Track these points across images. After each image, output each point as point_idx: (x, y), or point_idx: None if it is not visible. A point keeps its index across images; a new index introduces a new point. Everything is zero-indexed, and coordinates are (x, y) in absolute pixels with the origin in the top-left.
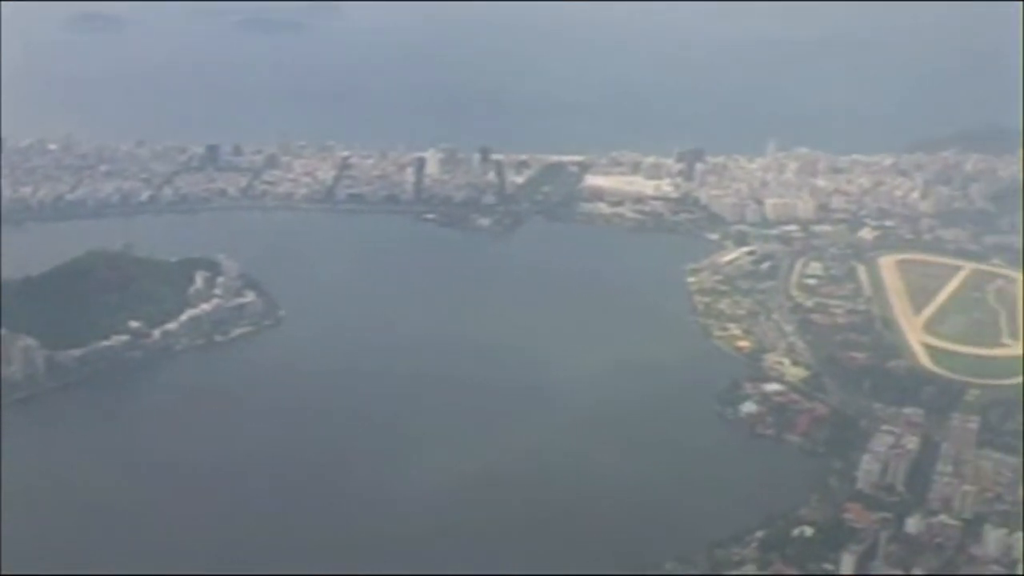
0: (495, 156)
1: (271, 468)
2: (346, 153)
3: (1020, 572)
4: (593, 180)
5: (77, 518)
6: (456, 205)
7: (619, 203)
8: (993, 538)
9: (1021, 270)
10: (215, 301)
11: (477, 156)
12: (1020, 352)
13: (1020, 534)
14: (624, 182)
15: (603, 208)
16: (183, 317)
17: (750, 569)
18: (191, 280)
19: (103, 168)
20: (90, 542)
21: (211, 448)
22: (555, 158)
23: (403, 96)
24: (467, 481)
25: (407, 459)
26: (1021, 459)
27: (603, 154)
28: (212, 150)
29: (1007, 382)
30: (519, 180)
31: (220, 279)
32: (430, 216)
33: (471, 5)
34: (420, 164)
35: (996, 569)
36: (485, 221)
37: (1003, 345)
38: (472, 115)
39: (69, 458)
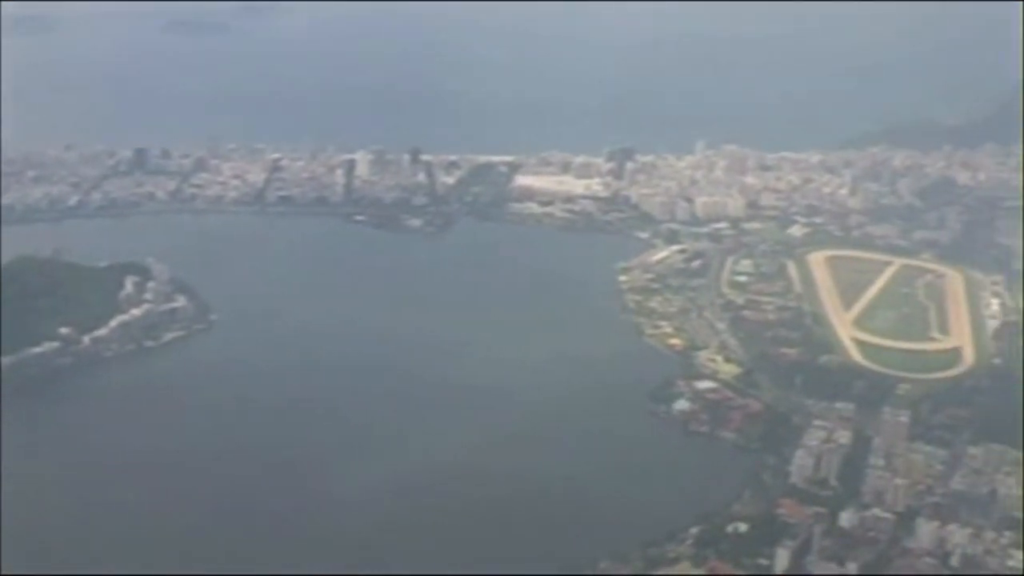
0: (425, 157)
1: (206, 470)
2: (276, 155)
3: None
4: (523, 180)
5: (14, 521)
6: (386, 206)
7: (549, 203)
8: (926, 531)
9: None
10: (146, 306)
11: (407, 157)
12: (948, 346)
13: (952, 526)
14: (554, 182)
15: (534, 208)
16: (113, 323)
17: (685, 566)
18: (121, 285)
19: (31, 173)
20: (27, 544)
21: (146, 451)
22: (485, 158)
23: (332, 98)
24: (402, 480)
25: (341, 460)
26: (952, 452)
27: (533, 154)
28: (141, 154)
29: (937, 376)
30: (449, 181)
31: (150, 284)
32: (360, 217)
33: (397, 5)
34: (350, 166)
35: (929, 561)
36: (416, 222)
37: (932, 339)
38: (402, 116)
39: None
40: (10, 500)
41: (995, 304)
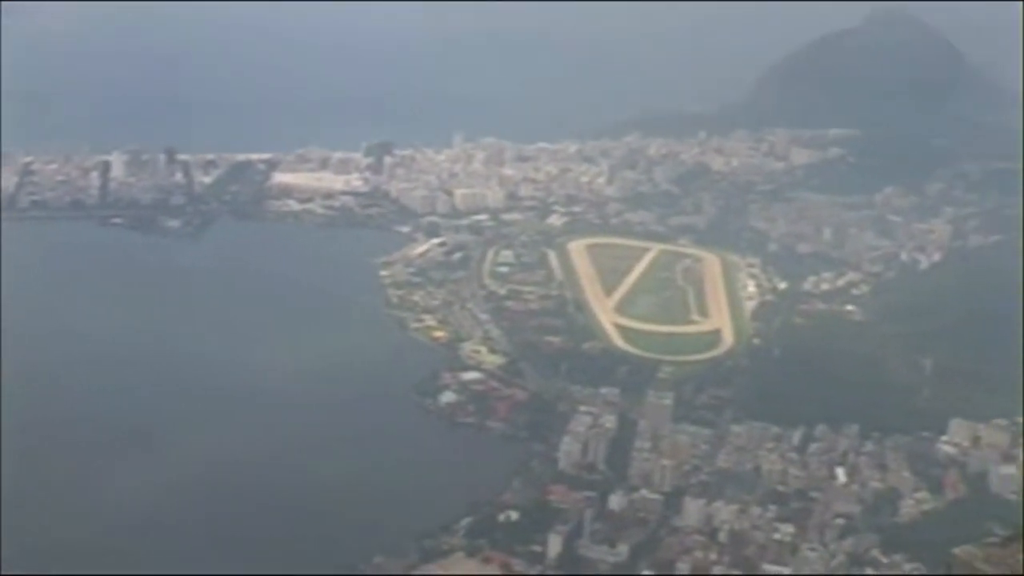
0: (181, 156)
1: None
2: (27, 159)
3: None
4: (282, 177)
5: None
6: (144, 208)
7: (309, 199)
8: (693, 509)
9: None
10: None
11: (163, 157)
12: (708, 328)
13: (719, 504)
14: (313, 178)
15: (293, 205)
16: None
17: (459, 557)
18: None
19: None
20: None
21: None
22: (242, 156)
23: (86, 98)
24: (166, 487)
25: (98, 469)
26: (715, 431)
27: (291, 151)
28: None
29: (698, 358)
30: (207, 180)
31: None
32: (117, 220)
33: (154, 5)
34: (105, 167)
35: (698, 538)
36: (174, 223)
37: (692, 322)
38: (156, 115)
39: None
40: None
41: (751, 285)
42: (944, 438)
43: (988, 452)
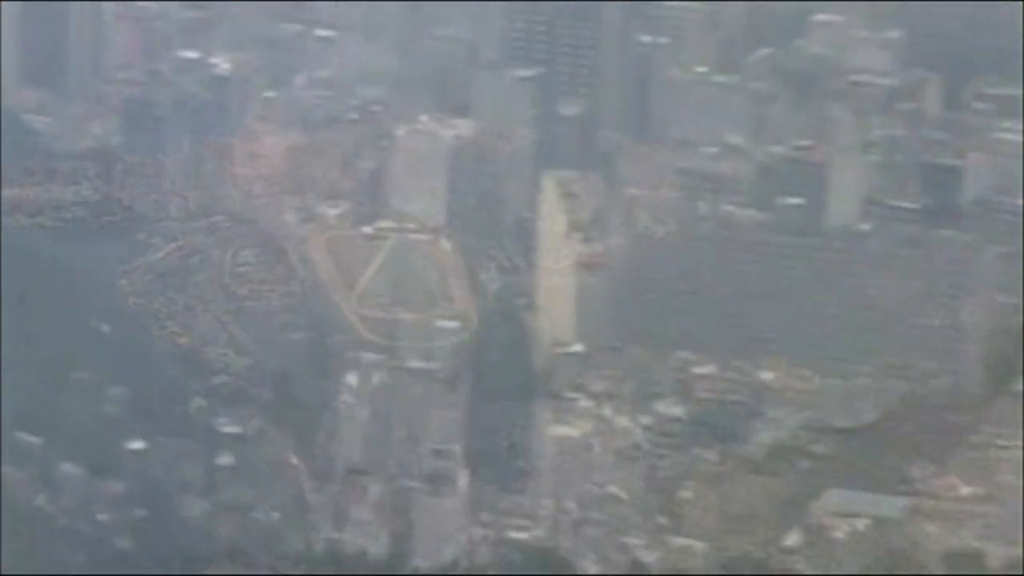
0: None
1: None
2: None
3: None
4: (8, 192)
5: None
6: None
7: (39, 213)
8: None
9: None
10: None
11: None
12: (454, 312)
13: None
14: (42, 191)
15: (23, 220)
16: None
17: None
18: None
19: None
20: None
21: None
22: None
23: None
24: None
25: None
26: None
27: (15, 163)
28: None
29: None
30: None
31: None
32: None
33: None
34: None
35: None
36: None
37: (438, 307)
38: None
39: None
40: None
41: None
42: None
43: None
